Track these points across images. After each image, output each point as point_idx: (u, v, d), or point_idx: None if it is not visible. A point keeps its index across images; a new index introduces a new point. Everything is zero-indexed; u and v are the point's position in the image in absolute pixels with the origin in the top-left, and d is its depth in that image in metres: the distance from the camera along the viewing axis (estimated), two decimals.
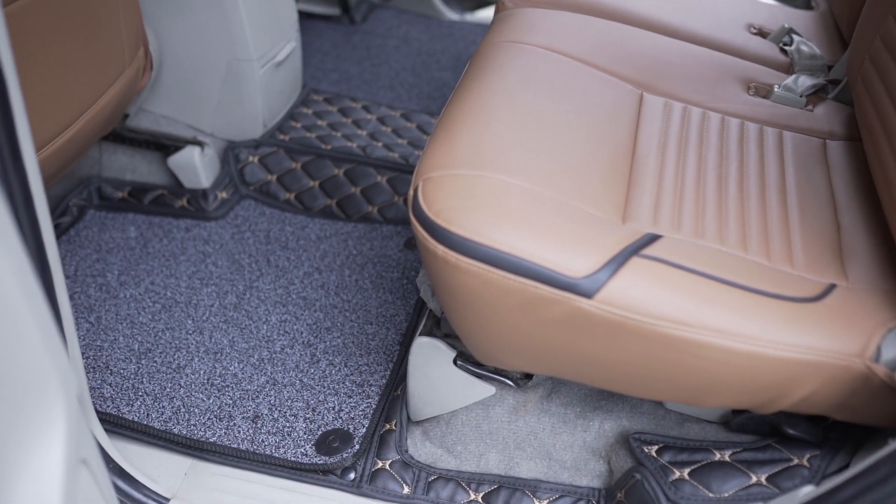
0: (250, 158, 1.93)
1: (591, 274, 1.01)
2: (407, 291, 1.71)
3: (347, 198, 1.89)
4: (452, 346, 1.30)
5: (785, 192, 1.26)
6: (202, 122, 1.96)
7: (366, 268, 1.76)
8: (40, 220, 1.05)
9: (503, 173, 1.13)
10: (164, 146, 1.91)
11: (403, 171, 1.91)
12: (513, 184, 1.11)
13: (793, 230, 1.18)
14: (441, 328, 1.32)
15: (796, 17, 1.79)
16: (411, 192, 1.13)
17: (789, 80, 1.52)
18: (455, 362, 1.30)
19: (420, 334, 1.32)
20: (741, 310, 1.02)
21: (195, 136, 1.92)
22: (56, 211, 1.87)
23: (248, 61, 1.85)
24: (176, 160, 1.88)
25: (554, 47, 1.45)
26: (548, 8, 1.61)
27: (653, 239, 1.08)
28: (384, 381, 1.51)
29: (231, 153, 1.93)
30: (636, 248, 1.05)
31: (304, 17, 2.70)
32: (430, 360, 1.31)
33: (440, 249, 1.05)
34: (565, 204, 1.11)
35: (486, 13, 2.86)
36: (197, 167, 1.87)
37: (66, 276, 1.72)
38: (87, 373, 1.52)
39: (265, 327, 1.62)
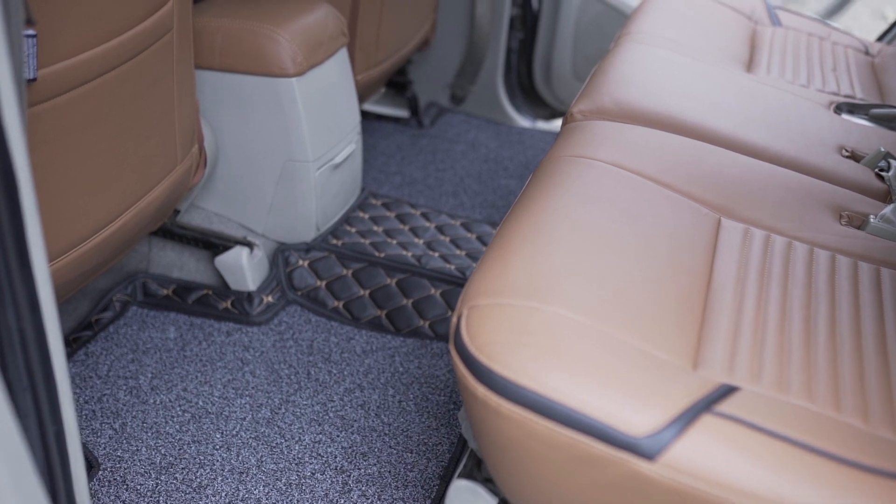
0: (300, 262, 1.85)
1: (654, 433, 0.86)
2: (453, 418, 1.57)
3: (398, 310, 1.78)
4: (494, 493, 1.15)
5: (884, 340, 1.10)
6: (254, 221, 1.89)
7: (411, 388, 1.64)
8: (48, 334, 0.96)
9: (560, 305, 1.00)
10: (213, 245, 1.84)
11: (459, 285, 1.80)
12: (570, 318, 0.98)
13: (895, 387, 1.02)
14: (482, 471, 1.18)
15: (892, 140, 1.65)
16: (454, 320, 1.02)
17: (887, 209, 1.37)
18: None
19: (459, 476, 1.17)
20: (833, 486, 0.85)
21: (245, 236, 1.86)
22: (99, 305, 1.81)
23: (304, 163, 1.79)
24: (223, 260, 1.81)
25: (624, 164, 1.34)
26: (619, 121, 1.51)
27: (728, 391, 0.93)
28: None
29: (281, 256, 1.86)
30: (708, 403, 0.90)
31: (371, 118, 2.67)
32: None
33: (480, 390, 0.92)
34: (628, 345, 0.97)
35: (559, 122, 2.79)
36: (244, 269, 1.79)
37: (98, 377, 1.64)
38: (101, 486, 1.41)
39: (297, 447, 1.50)
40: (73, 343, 1.73)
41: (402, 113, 2.69)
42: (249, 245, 1.82)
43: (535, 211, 1.19)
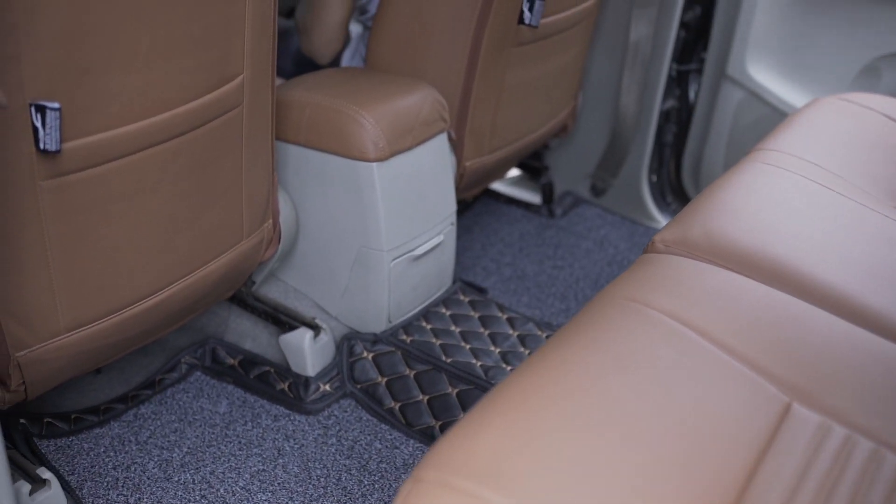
0: (364, 354, 1.74)
1: None
2: None
3: (453, 423, 1.62)
4: None
5: None
6: (328, 303, 1.81)
7: None
8: None
9: (519, 502, 0.82)
10: (281, 321, 1.78)
11: None
12: None
13: None
14: None
15: None
16: (399, 490, 0.86)
17: None
18: None
19: None
20: None
21: (315, 317, 1.78)
22: (167, 364, 1.79)
23: (378, 251, 1.69)
24: (287, 340, 1.73)
25: (686, 318, 1.12)
26: (705, 260, 1.29)
27: None
28: None
29: (346, 343, 1.76)
30: None
31: (501, 200, 2.54)
32: None
33: None
34: None
35: None
36: (305, 353, 1.71)
37: (136, 442, 1.60)
38: None
39: None
40: (130, 400, 1.71)
41: (534, 198, 2.54)
42: (315, 328, 1.73)
43: (548, 365, 1.01)
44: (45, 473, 1.39)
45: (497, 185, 2.58)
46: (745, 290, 1.22)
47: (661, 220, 2.49)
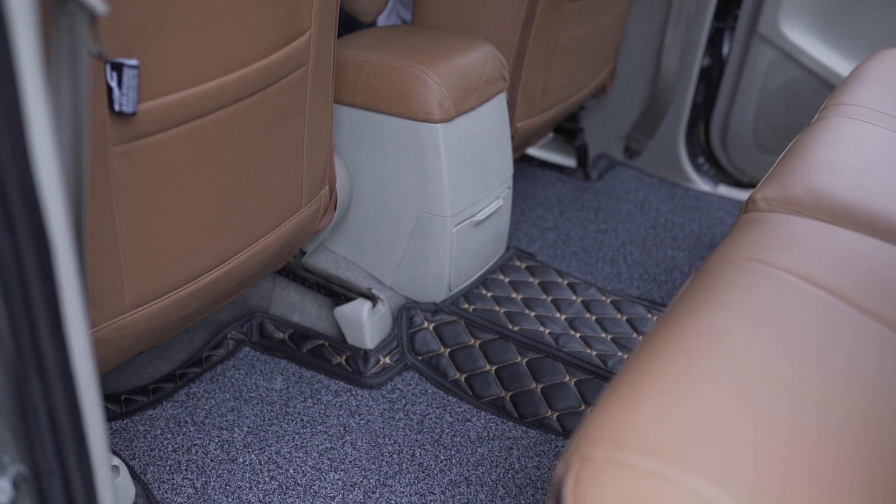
0: (425, 324, 1.67)
1: None
2: None
3: (524, 394, 1.56)
4: None
5: None
6: (383, 273, 1.73)
7: (524, 491, 1.42)
8: (85, 413, 0.82)
9: (701, 477, 0.75)
10: (335, 293, 1.70)
11: (599, 376, 1.56)
12: (711, 499, 0.74)
13: None
14: None
15: None
16: (560, 470, 0.79)
17: None
18: None
19: None
20: None
21: (371, 287, 1.70)
22: (213, 341, 1.71)
23: (441, 217, 1.61)
24: (343, 312, 1.66)
25: (814, 277, 1.07)
26: (814, 217, 1.23)
27: None
28: None
29: (405, 314, 1.69)
30: None
31: (535, 164, 2.47)
32: None
33: None
34: None
35: (745, 192, 2.46)
36: (363, 325, 1.63)
37: (193, 423, 1.53)
38: None
39: None
40: (179, 379, 1.63)
41: (569, 162, 2.47)
42: (373, 299, 1.66)
43: (685, 332, 0.95)
44: (114, 460, 1.31)
45: (528, 150, 2.51)
46: (869, 249, 1.16)
47: (699, 181, 2.43)
